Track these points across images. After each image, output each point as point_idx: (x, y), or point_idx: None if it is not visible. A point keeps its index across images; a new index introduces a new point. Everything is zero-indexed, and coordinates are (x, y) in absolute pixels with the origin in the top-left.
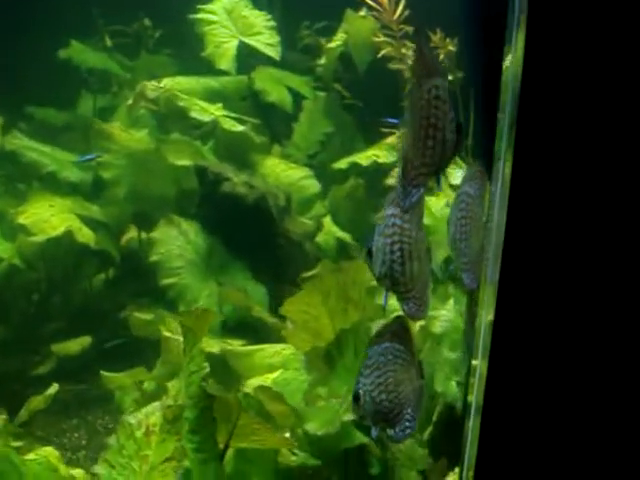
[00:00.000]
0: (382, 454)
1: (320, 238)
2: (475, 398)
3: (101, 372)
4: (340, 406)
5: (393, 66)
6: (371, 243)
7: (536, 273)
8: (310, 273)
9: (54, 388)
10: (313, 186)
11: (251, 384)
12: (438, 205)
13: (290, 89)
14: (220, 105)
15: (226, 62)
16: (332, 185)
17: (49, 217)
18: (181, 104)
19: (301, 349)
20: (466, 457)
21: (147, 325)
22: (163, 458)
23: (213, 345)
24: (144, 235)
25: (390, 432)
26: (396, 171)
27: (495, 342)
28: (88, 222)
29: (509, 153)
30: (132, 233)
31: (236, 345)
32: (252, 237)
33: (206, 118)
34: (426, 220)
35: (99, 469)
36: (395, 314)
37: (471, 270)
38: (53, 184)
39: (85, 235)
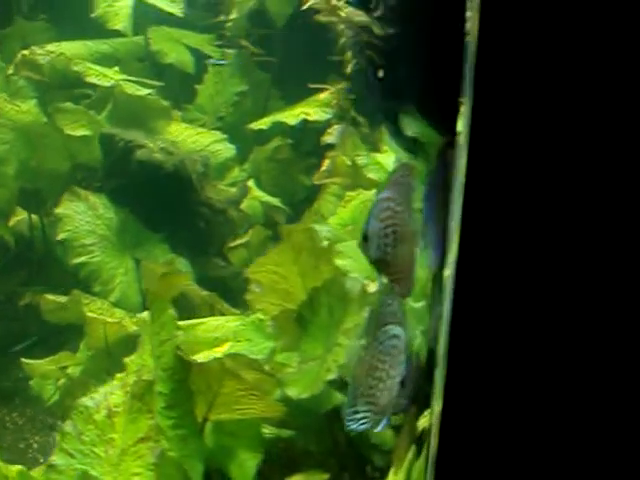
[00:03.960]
0: None
1: (245, 204)
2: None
3: (22, 360)
4: (320, 367)
5: (322, 18)
6: (366, 227)
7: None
8: (239, 242)
9: None
10: (227, 150)
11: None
12: None
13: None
14: (117, 69)
15: (121, 22)
16: (252, 147)
17: None
18: (76, 69)
19: (268, 314)
20: (435, 403)
21: (60, 309)
22: (136, 439)
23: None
24: (44, 214)
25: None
26: (334, 128)
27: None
28: None
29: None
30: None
31: None
32: (171, 207)
33: (106, 83)
34: None
35: (56, 459)
36: None
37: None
38: None
39: None
